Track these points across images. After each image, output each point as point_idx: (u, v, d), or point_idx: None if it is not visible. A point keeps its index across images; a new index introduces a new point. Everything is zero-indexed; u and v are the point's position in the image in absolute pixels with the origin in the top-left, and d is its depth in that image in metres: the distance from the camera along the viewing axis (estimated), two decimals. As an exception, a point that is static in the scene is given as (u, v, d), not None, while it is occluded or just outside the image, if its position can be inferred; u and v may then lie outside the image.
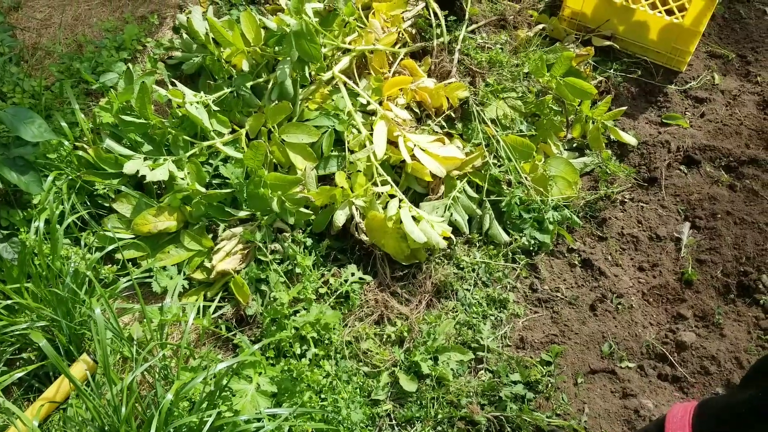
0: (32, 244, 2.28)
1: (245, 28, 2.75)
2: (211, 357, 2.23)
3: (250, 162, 2.54)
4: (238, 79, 2.78)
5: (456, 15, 3.09)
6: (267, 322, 2.36)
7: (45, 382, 2.28)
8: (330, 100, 2.80)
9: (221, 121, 2.70)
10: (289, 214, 2.54)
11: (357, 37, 2.91)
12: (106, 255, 2.50)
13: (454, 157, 2.68)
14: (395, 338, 2.46)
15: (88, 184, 2.58)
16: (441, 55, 2.97)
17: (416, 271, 2.62)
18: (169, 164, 2.54)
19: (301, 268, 2.47)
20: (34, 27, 3.35)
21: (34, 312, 2.22)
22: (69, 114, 2.79)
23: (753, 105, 3.09)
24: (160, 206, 2.53)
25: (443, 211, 2.67)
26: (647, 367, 2.42)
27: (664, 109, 3.12)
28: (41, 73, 3.11)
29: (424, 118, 2.87)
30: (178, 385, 1.92)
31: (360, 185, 2.58)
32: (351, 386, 2.28)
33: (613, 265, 2.68)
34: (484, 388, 2.35)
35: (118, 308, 2.37)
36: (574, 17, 3.27)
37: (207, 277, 2.50)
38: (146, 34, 3.27)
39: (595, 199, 2.83)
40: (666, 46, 3.15)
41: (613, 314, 2.55)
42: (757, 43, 3.34)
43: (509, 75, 2.99)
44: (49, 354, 1.92)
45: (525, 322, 2.54)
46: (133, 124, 2.57)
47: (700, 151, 2.92)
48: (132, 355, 2.10)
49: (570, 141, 2.99)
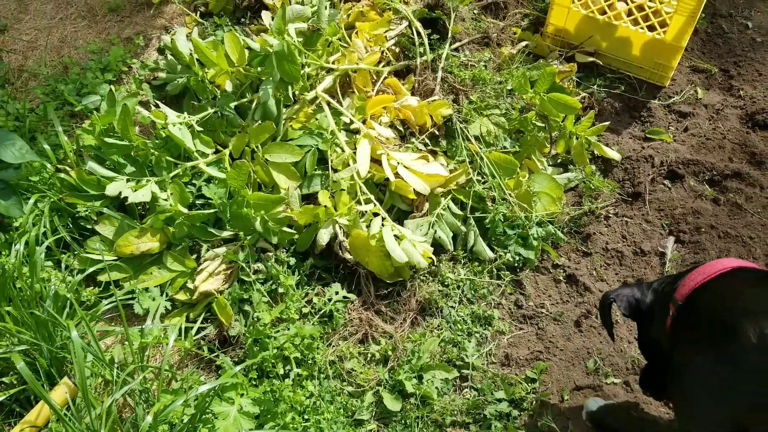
0: (12, 267, 2.27)
1: (229, 48, 2.76)
2: (194, 379, 2.22)
3: (233, 182, 2.54)
4: (221, 99, 2.79)
5: (439, 33, 3.10)
6: (249, 343, 2.35)
7: (26, 406, 2.26)
8: (314, 119, 2.80)
9: (205, 142, 2.70)
10: (272, 234, 2.54)
11: (340, 57, 2.93)
12: (89, 277, 2.49)
13: (438, 174, 2.68)
14: (379, 357, 2.45)
15: (71, 207, 2.57)
16: (424, 74, 2.98)
17: (401, 289, 2.62)
18: (152, 185, 2.54)
19: (284, 287, 2.46)
20: (21, 49, 3.37)
21: (15, 336, 2.20)
22: (53, 136, 2.80)
23: (736, 119, 3.10)
24: (142, 227, 2.53)
25: (427, 228, 2.67)
26: (633, 382, 2.41)
27: (648, 123, 3.13)
28: (26, 96, 3.12)
29: (407, 136, 2.88)
30: (158, 407, 1.90)
31: (343, 204, 2.58)
32: (334, 406, 2.26)
33: (598, 280, 2.68)
34: (468, 406, 2.34)
35: (99, 330, 2.36)
36: (558, 34, 3.29)
37: (190, 298, 2.49)
38: (132, 55, 3.29)
39: (579, 215, 2.84)
40: (649, 61, 3.16)
41: (598, 330, 2.54)
42: (739, 57, 3.36)
43: (493, 92, 3.00)
44: (28, 378, 1.91)
45: (510, 338, 2.54)
46: (115, 146, 2.57)
47: (683, 166, 2.93)
48: (113, 378, 2.09)
49: (554, 157, 3.00)
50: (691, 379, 1.77)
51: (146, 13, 3.50)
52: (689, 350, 1.76)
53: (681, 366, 1.80)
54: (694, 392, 1.76)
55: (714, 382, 1.66)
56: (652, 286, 1.98)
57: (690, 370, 1.77)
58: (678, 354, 1.81)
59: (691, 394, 1.78)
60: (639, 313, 1.99)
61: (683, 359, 1.79)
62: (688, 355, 1.76)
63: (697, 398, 1.76)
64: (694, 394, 1.77)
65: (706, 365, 1.68)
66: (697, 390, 1.74)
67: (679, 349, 1.81)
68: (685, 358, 1.78)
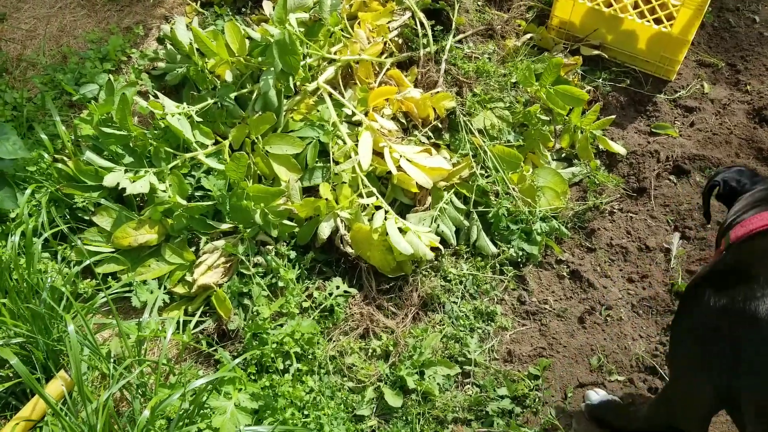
0: (8, 258, 2.24)
1: (230, 38, 2.72)
2: (191, 373, 2.18)
3: (232, 174, 2.50)
4: (221, 89, 2.74)
5: (443, 25, 3.06)
6: (248, 337, 2.32)
7: (22, 400, 2.23)
8: (315, 110, 2.76)
9: (204, 132, 2.66)
10: (272, 227, 2.50)
11: (342, 47, 2.88)
12: (86, 269, 2.46)
13: (441, 167, 2.64)
14: (381, 352, 2.42)
15: (68, 197, 2.54)
16: (428, 65, 2.94)
17: (402, 284, 2.58)
18: (151, 176, 2.50)
19: (284, 281, 2.43)
20: (19, 38, 3.33)
21: (11, 329, 2.17)
22: (50, 126, 2.76)
23: (743, 114, 3.06)
24: (140, 219, 2.49)
25: (430, 222, 2.63)
26: (637, 380, 2.38)
27: (654, 118, 3.09)
28: (24, 85, 3.08)
29: (410, 128, 2.84)
30: (155, 401, 1.87)
31: (345, 197, 2.54)
32: (335, 402, 2.23)
33: (602, 276, 2.64)
34: (470, 402, 2.30)
35: (96, 323, 2.32)
36: (563, 27, 3.25)
37: (188, 291, 2.46)
38: (131, 44, 3.25)
39: (583, 210, 2.80)
40: (655, 55, 3.12)
41: (602, 326, 2.51)
42: (746, 51, 3.31)
43: (497, 85, 2.96)
44: (22, 373, 1.87)
45: (513, 335, 2.50)
46: (113, 136, 2.53)
47: (689, 161, 2.89)
48: (109, 372, 2.06)
49: (558, 151, 2.96)
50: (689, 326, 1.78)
51: (146, 3, 3.46)
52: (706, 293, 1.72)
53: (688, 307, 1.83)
54: (687, 342, 1.78)
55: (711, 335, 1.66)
56: (755, 182, 1.98)
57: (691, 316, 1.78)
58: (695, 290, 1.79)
59: (683, 342, 1.81)
60: (724, 197, 2.04)
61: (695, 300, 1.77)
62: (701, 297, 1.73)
63: (691, 347, 1.76)
64: (686, 343, 1.79)
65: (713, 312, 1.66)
66: (690, 341, 1.76)
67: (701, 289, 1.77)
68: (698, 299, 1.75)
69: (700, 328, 1.70)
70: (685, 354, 1.80)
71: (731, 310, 1.60)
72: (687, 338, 1.78)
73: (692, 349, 1.75)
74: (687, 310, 1.85)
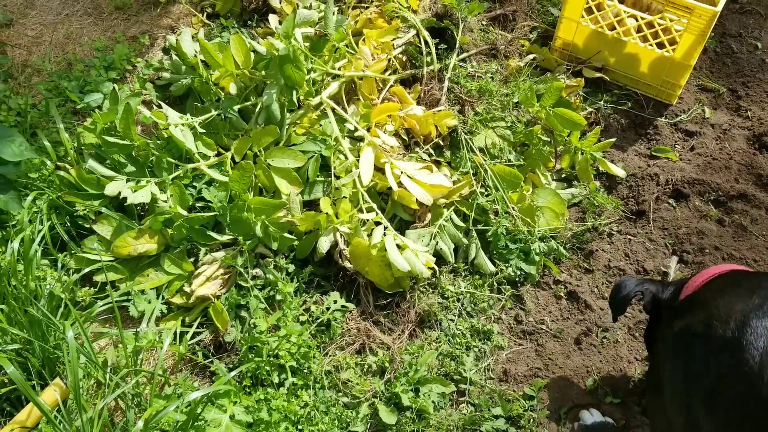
0: (7, 264, 2.24)
1: (235, 50, 2.74)
2: (186, 385, 2.18)
3: (235, 185, 2.51)
4: (225, 101, 2.76)
5: (447, 43, 3.08)
6: (245, 350, 2.32)
7: (17, 406, 2.22)
8: (318, 125, 2.78)
9: (207, 144, 2.68)
10: (272, 239, 2.51)
11: (347, 63, 2.90)
12: (85, 277, 2.46)
13: (442, 185, 2.65)
14: (376, 368, 2.42)
15: (69, 205, 2.55)
16: (431, 83, 2.96)
17: (400, 300, 2.59)
18: (152, 186, 2.51)
19: (282, 294, 2.43)
20: (25, 44, 3.35)
21: (8, 335, 2.17)
22: (54, 133, 2.77)
23: (743, 140, 3.08)
24: (140, 228, 2.50)
25: (429, 239, 2.64)
26: (631, 403, 2.38)
27: (654, 141, 3.11)
28: (29, 91, 3.10)
29: (412, 145, 2.86)
30: (149, 413, 1.87)
31: (345, 211, 2.55)
32: (329, 417, 2.23)
33: (600, 298, 2.65)
34: (465, 422, 2.30)
35: (93, 332, 2.33)
36: (566, 48, 3.27)
37: (186, 302, 2.46)
38: (136, 54, 3.27)
39: (582, 231, 2.81)
40: (657, 79, 3.14)
41: (598, 348, 2.51)
42: (748, 77, 3.34)
43: (499, 104, 2.98)
44: (17, 381, 1.87)
45: (509, 354, 2.51)
46: (116, 145, 2.54)
47: (689, 185, 2.90)
48: (105, 381, 2.06)
49: (558, 172, 2.97)
50: (664, 364, 1.89)
51: (153, 12, 3.48)
52: (670, 338, 1.87)
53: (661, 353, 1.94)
54: (664, 377, 1.87)
55: (684, 370, 1.77)
56: (669, 286, 2.08)
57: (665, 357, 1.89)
58: (661, 343, 1.95)
59: (661, 381, 1.90)
60: (655, 310, 2.09)
61: (663, 347, 1.93)
62: (667, 343, 1.88)
63: (666, 385, 1.86)
64: (663, 380, 1.88)
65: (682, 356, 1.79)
66: (668, 374, 1.85)
67: (662, 338, 1.94)
68: (665, 345, 1.90)
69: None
70: (655, 392, 1.95)
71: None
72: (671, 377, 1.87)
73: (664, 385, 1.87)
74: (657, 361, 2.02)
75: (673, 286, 2.07)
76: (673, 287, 2.06)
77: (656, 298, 2.07)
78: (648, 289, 2.08)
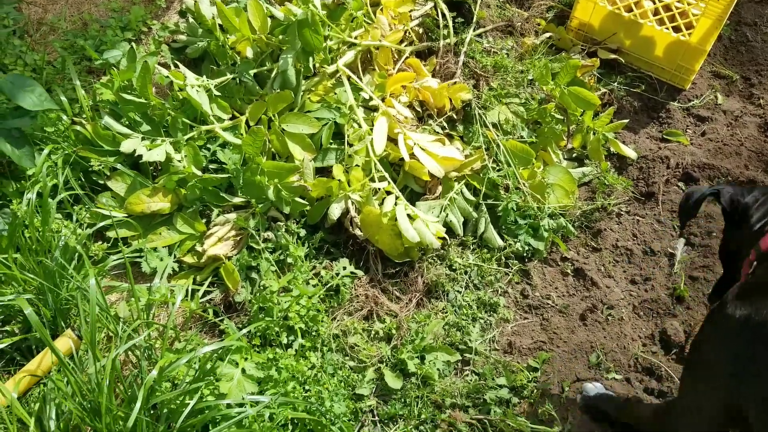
0: (23, 215, 2.25)
1: (252, 15, 2.74)
2: (197, 340, 2.21)
3: (248, 148, 2.52)
4: (241, 65, 2.76)
5: (464, 17, 3.08)
6: (255, 310, 2.34)
7: (27, 356, 2.24)
8: (332, 93, 2.78)
9: (222, 107, 2.68)
10: (284, 203, 2.53)
11: (363, 33, 2.90)
12: (97, 233, 2.48)
13: (454, 158, 2.66)
14: (383, 335, 2.44)
15: (84, 160, 2.55)
16: (446, 56, 2.97)
17: (408, 270, 2.61)
18: (167, 146, 2.52)
19: (293, 258, 2.45)
20: (41, 2, 3.34)
21: (21, 285, 2.19)
22: (69, 90, 2.77)
23: (754, 127, 3.09)
24: (154, 187, 2.51)
25: (439, 211, 2.66)
26: (634, 380, 2.40)
27: (666, 125, 3.12)
28: (44, 48, 3.09)
29: (425, 117, 2.86)
30: (163, 362, 1.89)
31: (357, 180, 2.56)
32: (336, 379, 2.26)
33: (606, 276, 2.67)
34: (469, 389, 2.33)
35: (105, 286, 2.34)
36: (582, 28, 3.28)
37: (197, 261, 2.48)
38: (152, 16, 3.26)
39: (591, 210, 2.83)
40: (671, 63, 3.15)
41: (602, 325, 2.54)
42: (761, 66, 3.34)
43: (513, 81, 2.99)
44: (34, 323, 1.89)
45: (514, 327, 2.53)
46: (132, 103, 2.55)
47: (699, 169, 2.92)
48: (117, 333, 2.08)
49: (570, 150, 2.98)
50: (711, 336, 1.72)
51: (169, -24, 3.47)
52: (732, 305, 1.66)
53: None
54: (710, 350, 1.71)
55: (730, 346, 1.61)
56: (753, 193, 1.85)
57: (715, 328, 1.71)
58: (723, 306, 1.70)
59: (706, 351, 1.74)
60: (733, 215, 1.88)
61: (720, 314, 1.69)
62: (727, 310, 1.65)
63: (708, 355, 1.71)
64: (708, 352, 1.72)
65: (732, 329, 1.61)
66: (714, 348, 1.69)
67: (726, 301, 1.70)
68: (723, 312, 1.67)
69: (724, 347, 1.65)
70: (704, 370, 1.73)
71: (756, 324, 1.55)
72: (710, 354, 1.72)
73: (711, 368, 1.69)
74: (714, 326, 1.76)
75: (758, 191, 1.85)
76: (759, 192, 1.84)
77: (736, 202, 1.85)
78: (725, 189, 1.87)
